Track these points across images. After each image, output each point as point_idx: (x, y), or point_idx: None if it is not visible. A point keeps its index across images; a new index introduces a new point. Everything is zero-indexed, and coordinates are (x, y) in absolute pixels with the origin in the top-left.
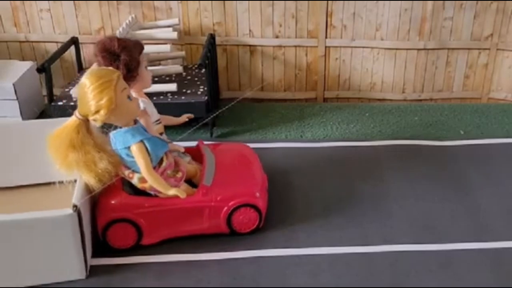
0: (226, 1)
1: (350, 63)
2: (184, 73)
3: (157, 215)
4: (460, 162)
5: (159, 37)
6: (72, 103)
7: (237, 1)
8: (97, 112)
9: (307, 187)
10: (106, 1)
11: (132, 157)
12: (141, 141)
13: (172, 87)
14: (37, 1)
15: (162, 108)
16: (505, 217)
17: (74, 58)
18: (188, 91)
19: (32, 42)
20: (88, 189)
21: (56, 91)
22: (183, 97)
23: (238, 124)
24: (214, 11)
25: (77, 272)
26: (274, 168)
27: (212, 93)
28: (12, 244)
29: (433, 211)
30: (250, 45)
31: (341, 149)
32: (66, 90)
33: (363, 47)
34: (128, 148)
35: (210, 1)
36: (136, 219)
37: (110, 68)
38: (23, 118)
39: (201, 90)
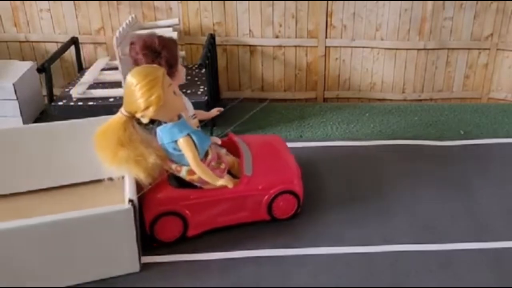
0: (226, 1)
1: (350, 63)
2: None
3: (202, 206)
4: (460, 162)
5: None
6: (72, 103)
7: (237, 1)
8: (146, 109)
9: (306, 187)
10: (106, 1)
11: (179, 150)
12: (188, 134)
13: None
14: (37, 1)
15: None
16: (505, 217)
17: (74, 58)
18: (188, 91)
19: (32, 42)
20: (137, 184)
21: (56, 91)
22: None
23: (238, 124)
24: (214, 11)
25: (131, 266)
26: None
27: (212, 93)
28: (71, 241)
29: (433, 211)
30: (250, 45)
31: (341, 149)
32: (66, 90)
33: (363, 47)
34: (175, 142)
35: (210, 1)
36: (183, 211)
37: (154, 65)
38: (23, 118)
39: (201, 90)
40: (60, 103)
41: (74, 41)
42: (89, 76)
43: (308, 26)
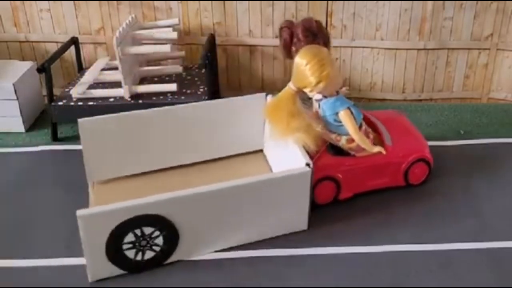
0: (226, 1)
1: (350, 63)
2: (184, 73)
3: (353, 172)
4: (460, 162)
5: (159, 37)
6: (72, 103)
7: (237, 1)
8: (316, 84)
9: None
10: (106, 1)
11: (339, 122)
12: (348, 107)
13: (172, 87)
14: (37, 1)
15: None
16: (505, 217)
17: (74, 58)
18: (188, 91)
19: (32, 42)
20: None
21: (56, 91)
22: (183, 97)
23: None
24: (214, 11)
25: (302, 224)
26: None
27: (212, 93)
28: (257, 201)
29: (433, 211)
30: (250, 45)
31: None
32: (66, 90)
33: (363, 47)
34: (337, 114)
35: (210, 1)
36: (338, 176)
37: (318, 46)
38: (23, 118)
39: (201, 90)
40: (60, 103)
41: (74, 41)
42: (89, 76)
43: None
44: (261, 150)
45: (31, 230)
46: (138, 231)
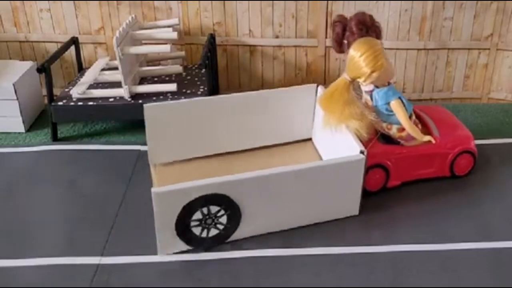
0: (226, 1)
1: None
2: (184, 73)
3: (402, 160)
4: None
5: (159, 37)
6: (72, 103)
7: (237, 1)
8: (371, 74)
9: None
10: (106, 1)
11: (391, 111)
12: (399, 98)
13: (172, 87)
14: (37, 1)
15: None
16: (505, 217)
17: (74, 58)
18: (188, 91)
19: (32, 42)
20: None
21: (56, 91)
22: (183, 97)
23: None
24: (214, 11)
25: (354, 209)
26: None
27: (212, 93)
28: (315, 185)
29: (433, 211)
30: (250, 45)
31: None
32: (66, 90)
33: None
34: (388, 103)
35: (210, 1)
36: (388, 164)
37: (371, 38)
38: (23, 118)
39: (201, 90)
40: (60, 103)
41: (74, 41)
42: (89, 76)
43: (308, 26)
44: (310, 139)
45: (31, 230)
46: (205, 210)
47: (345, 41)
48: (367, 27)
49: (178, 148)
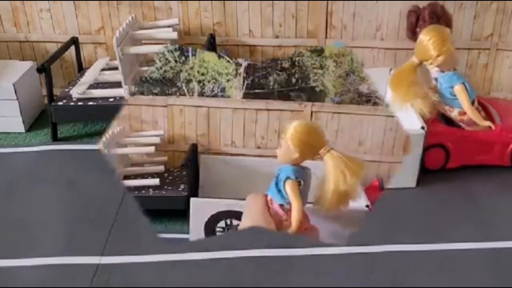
0: (226, 1)
1: None
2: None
3: (463, 143)
4: None
5: (159, 37)
6: (72, 103)
7: (237, 1)
8: (437, 57)
9: None
10: (106, 1)
11: (454, 95)
12: (463, 83)
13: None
14: (37, 1)
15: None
16: (505, 217)
17: (74, 58)
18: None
19: (32, 42)
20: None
21: (56, 91)
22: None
23: None
24: (214, 11)
25: (412, 181)
26: None
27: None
28: None
29: (433, 211)
30: (250, 45)
31: None
32: (66, 90)
33: (363, 47)
34: (452, 87)
35: (210, 1)
36: (448, 145)
37: (441, 26)
38: (23, 118)
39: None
40: (60, 103)
41: (74, 41)
42: (89, 76)
43: (308, 26)
44: None
45: (31, 230)
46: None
47: (418, 29)
48: (438, 17)
49: None
